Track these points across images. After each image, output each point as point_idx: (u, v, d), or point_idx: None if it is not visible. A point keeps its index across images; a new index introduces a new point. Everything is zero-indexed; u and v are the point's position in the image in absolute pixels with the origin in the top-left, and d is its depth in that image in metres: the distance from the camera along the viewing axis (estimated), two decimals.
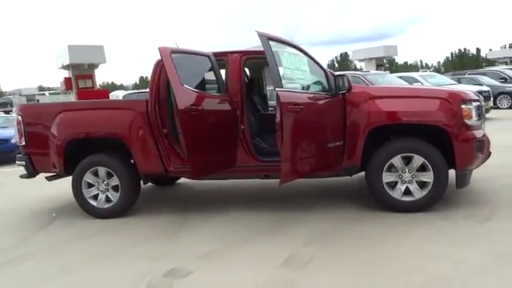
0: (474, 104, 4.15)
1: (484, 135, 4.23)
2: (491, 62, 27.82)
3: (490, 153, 4.39)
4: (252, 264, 3.27)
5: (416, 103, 4.20)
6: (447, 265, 2.96)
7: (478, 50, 63.57)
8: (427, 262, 3.05)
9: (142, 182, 4.93)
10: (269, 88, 6.32)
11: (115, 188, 4.78)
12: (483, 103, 4.45)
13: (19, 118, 5.00)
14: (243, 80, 4.61)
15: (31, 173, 5.11)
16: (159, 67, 4.69)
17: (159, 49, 3.94)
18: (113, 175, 4.77)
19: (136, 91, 14.97)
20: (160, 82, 4.69)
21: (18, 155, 5.20)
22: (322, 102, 4.07)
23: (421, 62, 77.29)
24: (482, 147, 4.17)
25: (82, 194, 4.83)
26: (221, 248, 3.63)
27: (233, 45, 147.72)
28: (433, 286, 2.70)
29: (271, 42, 3.74)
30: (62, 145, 4.78)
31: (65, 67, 11.45)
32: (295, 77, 3.97)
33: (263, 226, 4.08)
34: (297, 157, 3.85)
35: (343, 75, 4.12)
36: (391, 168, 4.20)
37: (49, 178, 5.29)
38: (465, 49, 63.11)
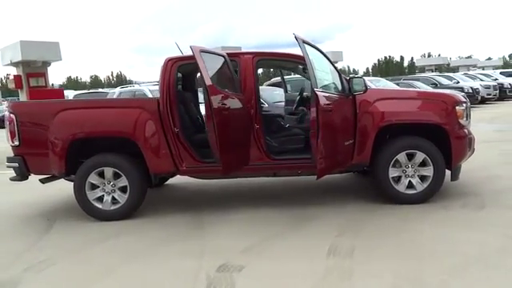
0: (465, 105, 4.71)
1: (471, 133, 4.81)
2: (420, 69, 30.53)
3: (473, 149, 4.99)
4: (299, 255, 3.44)
5: (419, 104, 4.67)
6: (473, 247, 3.36)
7: (402, 58, 69.18)
8: (453, 245, 3.44)
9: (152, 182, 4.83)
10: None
11: (123, 189, 4.65)
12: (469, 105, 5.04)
13: (12, 116, 4.64)
14: (257, 80, 4.74)
15: (24, 175, 4.77)
16: (172, 66, 4.68)
17: (191, 47, 3.95)
18: (120, 176, 4.63)
19: (87, 91, 14.16)
20: (171, 81, 4.67)
21: (9, 157, 4.82)
22: (342, 102, 4.35)
23: (348, 67, 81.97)
24: (470, 144, 4.74)
25: (85, 195, 4.64)
26: (257, 243, 3.73)
27: (162, 48, 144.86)
28: (473, 265, 3.07)
29: (306, 45, 3.94)
30: (65, 145, 4.55)
31: (14, 64, 10.57)
32: (323, 78, 4.20)
33: (287, 222, 4.24)
34: (330, 153, 4.09)
35: (360, 77, 4.45)
36: (396, 164, 4.60)
37: (43, 180, 4.99)
38: (390, 56, 68.23)
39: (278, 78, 9.68)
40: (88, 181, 4.62)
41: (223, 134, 3.98)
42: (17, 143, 4.67)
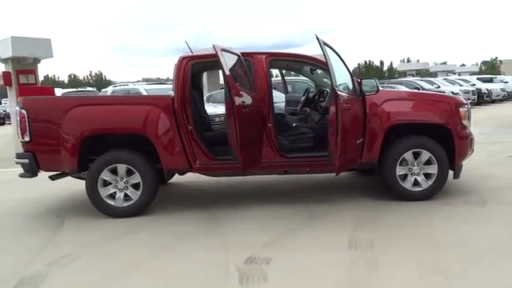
0: (467, 107, 4.96)
1: (471, 134, 5.05)
2: (401, 74, 31.36)
3: (473, 149, 5.24)
4: (320, 248, 3.56)
5: (426, 106, 4.87)
6: (484, 239, 3.57)
7: (382, 63, 70.82)
8: (465, 238, 3.63)
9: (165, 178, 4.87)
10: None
11: (135, 186, 4.67)
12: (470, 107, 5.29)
13: (23, 112, 4.59)
14: (270, 80, 4.85)
15: (34, 172, 4.73)
16: (186, 64, 4.74)
17: (215, 46, 4.03)
18: (133, 173, 4.65)
19: (75, 90, 13.92)
20: (186, 79, 4.72)
21: (19, 153, 4.77)
22: (355, 102, 4.51)
23: None
24: (471, 144, 4.99)
25: (97, 192, 4.63)
26: (276, 238, 3.83)
27: (140, 48, 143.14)
28: (488, 255, 3.26)
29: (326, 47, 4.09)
30: (78, 141, 4.54)
31: (3, 60, 10.32)
32: (340, 78, 4.34)
33: (300, 218, 4.35)
34: (347, 151, 4.23)
35: (372, 79, 4.62)
36: (402, 162, 4.79)
37: (53, 177, 4.95)
38: (370, 61, 69.66)
39: (277, 79, 9.82)
40: (101, 177, 4.61)
41: (244, 131, 4.07)
42: (27, 139, 4.62)
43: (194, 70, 4.98)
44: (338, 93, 4.02)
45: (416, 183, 4.81)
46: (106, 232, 4.22)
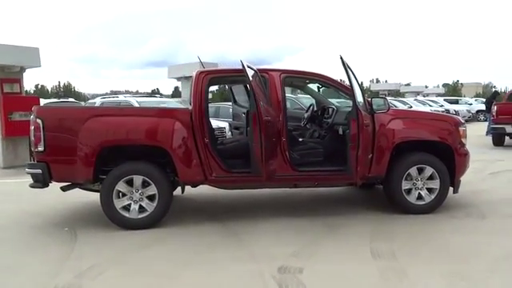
0: (465, 127, 5.32)
1: (468, 151, 5.40)
2: (374, 93, 32.62)
3: (469, 166, 5.58)
4: (347, 258, 3.70)
5: (429, 124, 5.19)
6: (497, 249, 3.83)
7: None
8: (479, 248, 3.89)
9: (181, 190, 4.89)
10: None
11: (151, 197, 4.67)
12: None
13: (38, 121, 4.53)
14: (284, 96, 5.02)
15: (46, 182, 4.64)
16: (204, 79, 4.84)
17: (242, 62, 4.17)
18: (149, 184, 4.66)
19: (57, 100, 13.55)
20: (203, 93, 4.82)
21: (30, 163, 4.67)
22: (369, 119, 4.74)
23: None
24: (468, 160, 5.33)
25: (112, 204, 4.60)
26: (301, 249, 3.94)
27: (109, 60, 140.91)
28: (505, 263, 3.53)
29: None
30: (96, 152, 4.52)
31: None
32: (359, 96, 4.58)
33: (318, 231, 4.48)
34: (364, 164, 4.45)
35: (383, 97, 4.89)
36: (407, 177, 5.06)
37: (64, 188, 4.86)
38: (341, 80, 71.56)
39: None
40: (116, 189, 4.59)
41: (267, 144, 4.21)
42: (41, 149, 4.54)
43: (210, 84, 5.09)
44: (361, 111, 4.25)
45: (419, 197, 5.08)
46: (125, 244, 4.18)
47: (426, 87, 42.67)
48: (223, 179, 4.88)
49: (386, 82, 44.15)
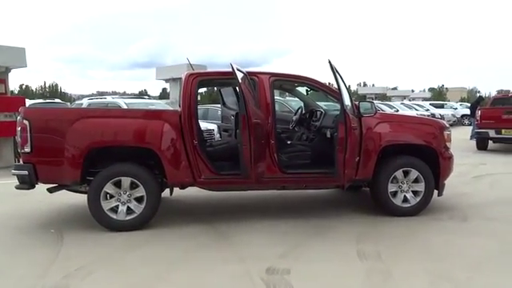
0: (449, 131, 5.44)
1: (452, 155, 5.52)
2: (362, 97, 32.97)
3: (453, 169, 5.70)
4: (334, 259, 3.76)
5: (415, 128, 5.29)
6: (479, 250, 3.94)
7: None
8: (462, 249, 3.98)
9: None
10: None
11: (139, 199, 4.67)
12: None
13: (25, 122, 4.49)
14: (273, 99, 5.07)
15: (32, 184, 4.60)
16: (193, 81, 4.87)
17: (232, 65, 4.20)
18: (137, 186, 4.65)
19: (43, 101, 13.38)
20: (192, 95, 4.85)
21: (17, 164, 4.62)
22: (356, 123, 4.82)
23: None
24: (453, 164, 5.45)
25: (100, 205, 4.58)
26: (289, 250, 3.98)
27: (98, 60, 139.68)
28: (486, 264, 3.62)
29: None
30: (83, 153, 4.50)
31: None
32: (347, 99, 4.65)
33: (305, 232, 4.53)
34: (352, 167, 4.52)
35: (370, 102, 4.98)
36: (393, 180, 5.15)
37: (51, 190, 4.82)
38: (329, 83, 72.22)
39: None
40: (104, 190, 4.58)
41: (256, 146, 4.25)
42: (28, 150, 4.50)
43: (199, 86, 5.12)
44: (348, 114, 4.33)
45: (405, 200, 5.17)
46: (113, 246, 4.17)
47: (413, 91, 43.31)
48: (212, 181, 4.91)
49: (373, 85, 44.74)
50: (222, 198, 6.02)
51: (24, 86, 64.13)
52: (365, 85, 57.29)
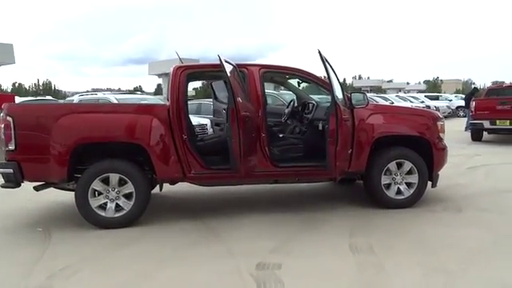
0: (442, 121, 5.37)
1: (446, 146, 5.45)
2: (357, 89, 32.97)
3: (447, 160, 5.64)
4: (326, 253, 3.68)
5: (408, 119, 5.22)
6: (472, 241, 3.88)
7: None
8: (456, 240, 3.92)
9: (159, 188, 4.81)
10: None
11: (128, 196, 4.58)
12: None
13: (9, 119, 4.37)
14: (263, 91, 4.97)
15: (18, 182, 4.49)
16: (181, 74, 4.76)
17: (219, 56, 4.10)
18: (125, 182, 4.56)
19: (34, 98, 13.19)
20: (181, 88, 4.74)
21: (1, 162, 4.51)
22: (348, 114, 4.74)
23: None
24: (446, 155, 5.39)
25: (88, 203, 4.48)
26: (280, 245, 3.91)
27: (92, 57, 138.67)
28: (480, 255, 3.57)
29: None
30: (69, 150, 4.39)
31: None
32: (337, 91, 4.56)
33: (297, 226, 4.46)
34: (344, 159, 4.45)
35: (362, 92, 4.90)
36: (387, 172, 5.08)
37: (37, 188, 4.72)
38: (324, 76, 72.06)
39: None
40: (92, 187, 4.48)
41: (246, 139, 4.16)
42: (12, 147, 4.39)
43: (188, 79, 5.01)
44: (339, 106, 4.24)
45: (399, 192, 5.10)
46: (101, 244, 4.08)
47: (408, 84, 43.27)
48: (202, 176, 4.81)
49: (369, 78, 44.64)
50: (214, 192, 5.94)
51: (17, 84, 63.62)
52: (360, 78, 57.25)
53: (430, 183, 5.20)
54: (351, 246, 3.82)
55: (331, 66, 4.59)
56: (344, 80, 57.83)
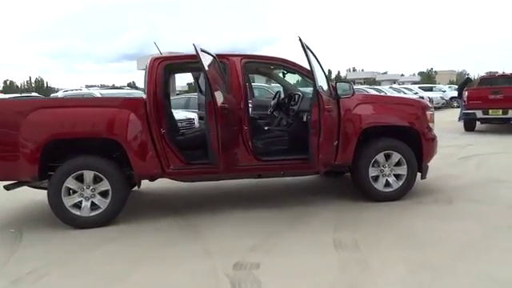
0: (432, 111, 5.19)
1: (436, 136, 5.27)
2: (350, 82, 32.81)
3: (436, 151, 5.47)
4: (308, 251, 3.50)
5: (396, 109, 5.03)
6: (462, 235, 3.71)
7: (330, 71, 73.68)
8: (445, 234, 3.76)
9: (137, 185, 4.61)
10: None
11: (103, 193, 4.37)
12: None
13: None
14: (246, 82, 4.77)
15: None
16: (158, 66, 4.55)
17: (194, 45, 3.88)
18: (101, 180, 4.35)
19: (19, 95, 12.91)
20: (158, 81, 4.53)
21: None
22: (334, 105, 4.54)
23: None
24: (436, 146, 5.22)
25: (61, 202, 4.27)
26: (260, 242, 3.73)
27: (84, 53, 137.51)
28: (469, 249, 3.40)
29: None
30: (40, 147, 4.17)
31: None
32: (320, 81, 4.35)
33: (280, 221, 4.29)
34: (327, 152, 4.25)
35: (348, 82, 4.69)
36: (374, 164, 4.90)
37: (8, 187, 4.51)
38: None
39: None
40: (65, 185, 4.27)
41: (224, 133, 3.96)
42: None
43: (166, 71, 4.79)
44: (321, 95, 4.04)
45: (387, 184, 4.93)
46: (74, 245, 3.88)
47: (402, 75, 43.15)
48: (181, 171, 4.61)
49: (363, 70, 44.44)
50: (196, 188, 5.73)
51: (8, 82, 63.01)
52: (354, 70, 57.10)
53: (419, 175, 5.03)
54: (335, 241, 3.64)
55: (314, 55, 4.39)
56: (338, 73, 57.80)
